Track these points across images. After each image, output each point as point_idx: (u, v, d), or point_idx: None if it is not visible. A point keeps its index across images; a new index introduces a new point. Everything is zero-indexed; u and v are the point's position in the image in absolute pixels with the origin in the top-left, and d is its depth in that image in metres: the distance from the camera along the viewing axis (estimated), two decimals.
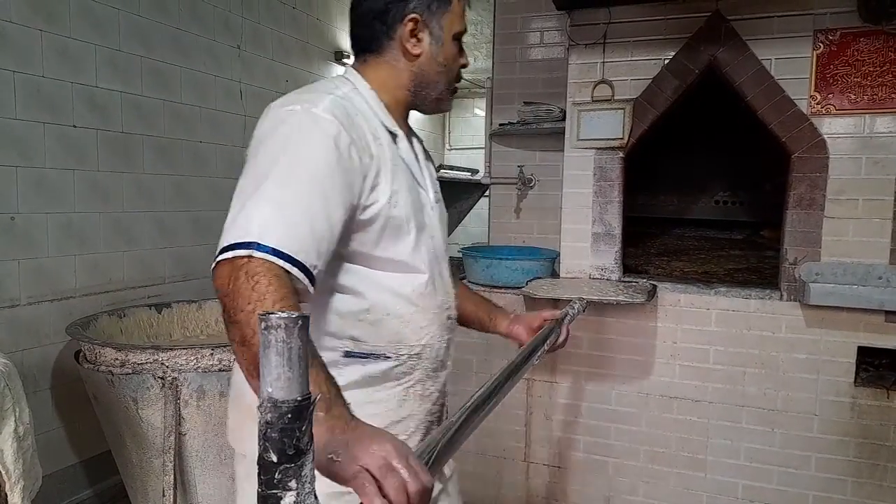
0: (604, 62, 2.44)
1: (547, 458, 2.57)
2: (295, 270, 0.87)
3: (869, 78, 2.13)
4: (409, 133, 1.24)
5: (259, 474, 0.68)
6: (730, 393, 2.33)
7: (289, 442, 0.68)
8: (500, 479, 2.63)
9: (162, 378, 2.09)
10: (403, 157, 1.15)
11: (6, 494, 1.56)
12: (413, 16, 1.12)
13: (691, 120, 2.73)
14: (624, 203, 2.47)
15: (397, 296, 1.11)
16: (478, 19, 4.87)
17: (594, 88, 2.45)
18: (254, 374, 0.80)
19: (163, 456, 2.12)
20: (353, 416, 0.77)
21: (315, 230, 0.92)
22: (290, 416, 0.68)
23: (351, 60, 1.24)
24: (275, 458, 0.68)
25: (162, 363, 2.10)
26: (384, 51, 1.15)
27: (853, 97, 2.15)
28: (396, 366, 1.12)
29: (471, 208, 5.30)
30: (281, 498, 0.68)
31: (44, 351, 2.57)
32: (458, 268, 4.13)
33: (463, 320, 1.38)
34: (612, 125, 2.42)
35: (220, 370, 2.13)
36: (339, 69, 4.47)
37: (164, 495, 2.11)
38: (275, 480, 0.68)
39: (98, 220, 2.78)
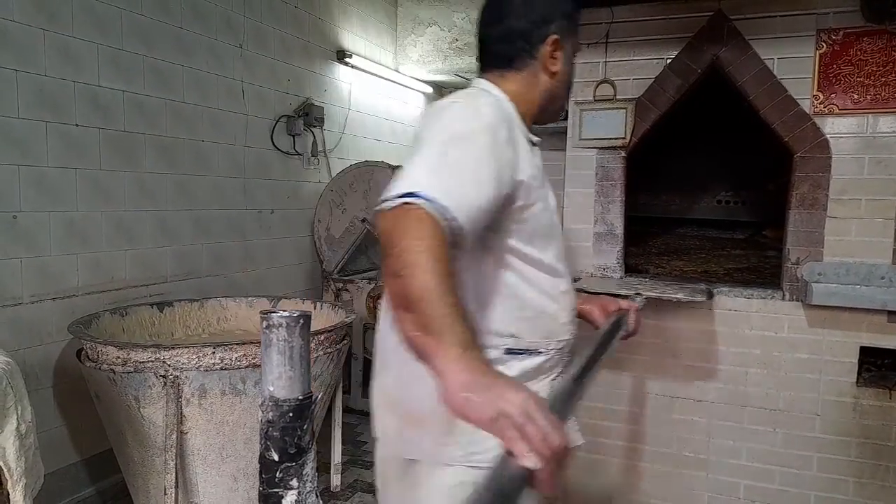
0: (606, 61, 2.44)
1: None
2: (448, 221, 0.91)
3: (872, 78, 2.13)
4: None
5: (260, 473, 0.68)
6: (732, 393, 2.32)
7: (290, 441, 0.69)
8: None
9: (164, 377, 2.09)
10: (538, 165, 1.21)
11: (8, 492, 1.56)
12: (554, 37, 1.20)
13: (693, 119, 2.72)
14: (626, 203, 2.47)
15: (548, 295, 1.19)
16: None
17: (596, 88, 2.45)
18: (399, 306, 0.86)
19: (164, 454, 2.13)
20: (490, 363, 0.82)
21: (472, 201, 0.95)
22: (291, 414, 0.69)
23: (353, 59, 1.25)
24: (276, 457, 0.68)
25: (164, 362, 2.10)
26: (524, 67, 1.21)
27: (856, 97, 2.14)
28: (546, 360, 1.20)
29: None
30: (283, 496, 0.68)
31: (46, 349, 2.57)
32: None
33: None
34: (614, 125, 2.42)
35: (221, 369, 2.14)
36: (341, 68, 4.47)
37: (165, 493, 2.11)
38: (276, 479, 0.68)
39: (100, 218, 2.78)
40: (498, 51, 1.23)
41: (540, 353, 1.19)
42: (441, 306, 0.83)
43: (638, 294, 1.67)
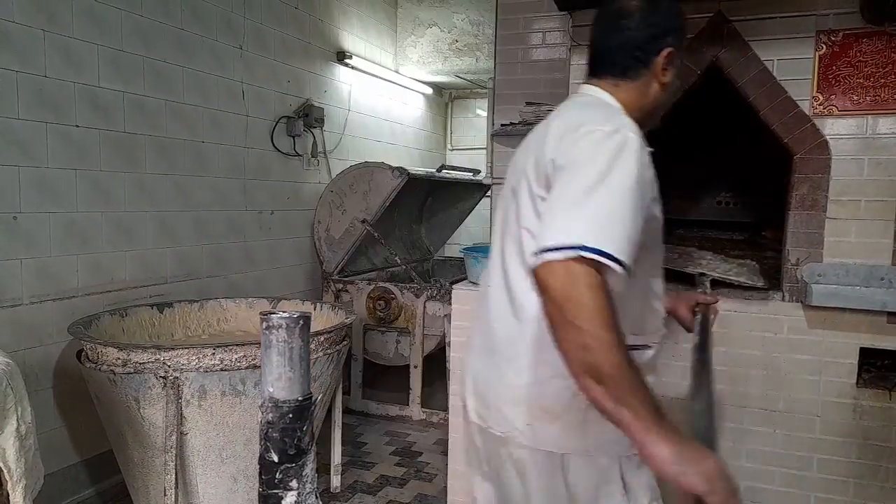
0: None
1: None
2: (619, 269, 0.99)
3: (871, 79, 2.13)
4: None
5: (260, 474, 0.68)
6: (731, 394, 2.32)
7: (290, 442, 0.69)
8: None
9: (164, 377, 2.09)
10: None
11: (8, 493, 1.56)
12: (669, 49, 1.25)
13: (693, 120, 2.72)
14: None
15: (655, 293, 1.28)
16: (480, 20, 4.87)
17: None
18: (587, 376, 0.95)
19: (164, 455, 2.13)
20: (676, 429, 0.94)
21: (630, 236, 1.02)
22: (291, 415, 0.69)
23: (353, 60, 1.28)
24: (276, 458, 0.68)
25: (164, 363, 2.10)
26: (638, 77, 1.27)
27: (855, 98, 2.14)
28: (654, 355, 1.30)
29: (472, 208, 5.31)
30: (282, 497, 0.68)
31: (46, 350, 2.57)
32: (459, 268, 4.13)
33: None
34: None
35: (221, 370, 2.14)
36: (341, 69, 4.48)
37: (165, 494, 2.11)
38: (276, 480, 0.68)
39: (100, 219, 2.78)
40: (615, 60, 1.28)
41: (650, 347, 1.28)
42: (631, 381, 0.94)
43: (703, 275, 1.67)
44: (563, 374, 1.02)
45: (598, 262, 0.96)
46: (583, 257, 0.96)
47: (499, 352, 1.29)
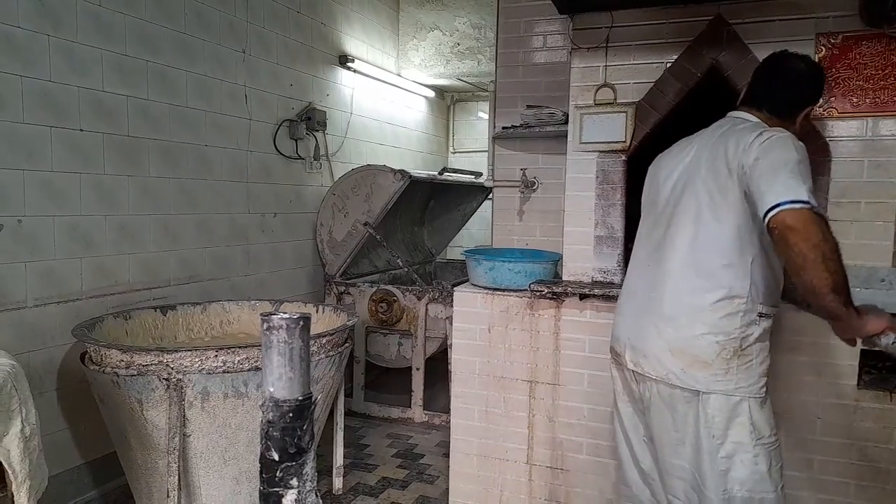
0: (606, 66, 2.45)
1: (549, 460, 2.57)
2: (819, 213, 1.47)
3: (871, 81, 2.14)
4: None
5: (260, 472, 0.69)
6: None
7: (290, 440, 0.70)
8: (503, 481, 2.63)
9: (167, 380, 2.10)
10: None
11: (13, 494, 1.57)
12: (810, 108, 1.79)
13: (694, 122, 2.72)
14: (626, 206, 2.48)
15: (778, 266, 1.67)
16: (481, 23, 4.89)
17: (597, 92, 2.46)
18: (826, 288, 1.42)
19: (167, 457, 2.14)
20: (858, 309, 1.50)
21: (813, 194, 1.49)
22: (291, 414, 0.70)
23: (355, 64, 1.35)
24: (276, 457, 0.69)
25: (167, 365, 2.12)
26: (786, 119, 1.74)
27: (855, 100, 2.15)
28: (772, 323, 1.68)
29: (474, 211, 5.32)
30: (283, 496, 0.69)
31: (50, 352, 2.59)
32: (461, 271, 4.14)
33: None
34: (615, 128, 2.43)
35: (224, 372, 2.15)
36: (343, 72, 4.49)
37: (168, 496, 2.13)
38: (276, 478, 0.69)
39: (104, 222, 2.80)
40: (777, 102, 1.76)
41: (770, 317, 1.66)
42: (848, 288, 1.45)
43: None
44: (713, 332, 1.61)
45: (823, 218, 1.44)
46: (813, 209, 1.43)
47: (657, 313, 1.72)
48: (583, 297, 2.43)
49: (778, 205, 1.44)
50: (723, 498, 1.66)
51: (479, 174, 5.07)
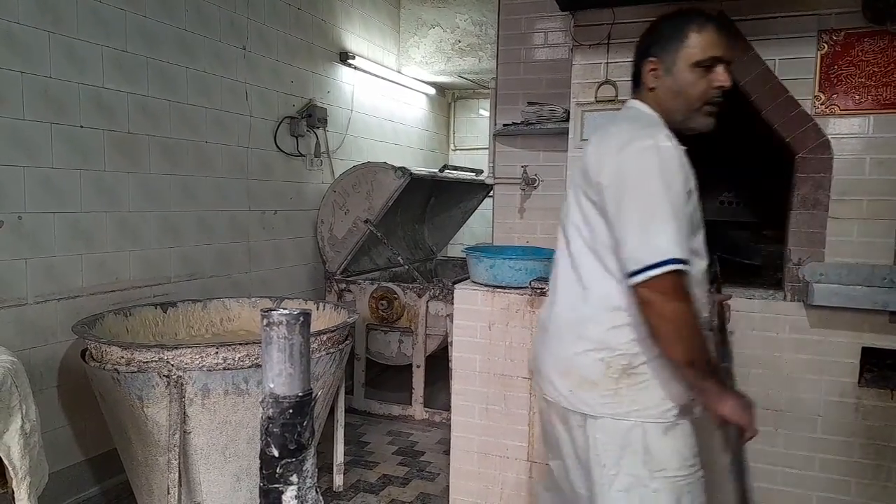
0: (607, 63, 2.44)
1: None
2: (686, 268, 1.32)
3: (873, 78, 2.13)
4: None
5: (261, 469, 0.69)
6: None
7: (290, 437, 0.69)
8: (504, 479, 2.63)
9: (167, 376, 2.10)
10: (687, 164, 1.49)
11: (13, 491, 1.57)
12: (651, 59, 1.49)
13: None
14: None
15: (696, 278, 1.46)
16: (482, 20, 4.88)
17: (598, 89, 2.45)
18: (680, 358, 1.33)
19: (168, 454, 2.14)
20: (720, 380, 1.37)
21: (684, 239, 1.34)
22: (291, 411, 0.70)
23: (356, 61, 1.39)
24: (276, 453, 0.69)
25: (167, 362, 2.11)
26: (640, 89, 1.55)
27: (857, 97, 2.14)
28: None
29: (475, 208, 5.32)
30: (282, 492, 0.69)
31: (50, 349, 2.59)
32: (461, 268, 4.14)
33: None
34: None
35: (224, 369, 2.15)
36: (344, 69, 4.49)
37: (168, 493, 2.13)
38: (276, 474, 0.69)
39: (104, 219, 2.80)
40: (633, 76, 1.57)
41: None
42: (704, 358, 1.34)
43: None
44: (597, 349, 1.43)
45: (680, 270, 1.29)
46: (673, 271, 1.29)
47: (549, 331, 1.57)
48: None
49: (636, 272, 1.30)
50: None
51: (479, 171, 5.06)
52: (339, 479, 2.87)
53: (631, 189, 1.34)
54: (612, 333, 1.43)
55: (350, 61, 4.47)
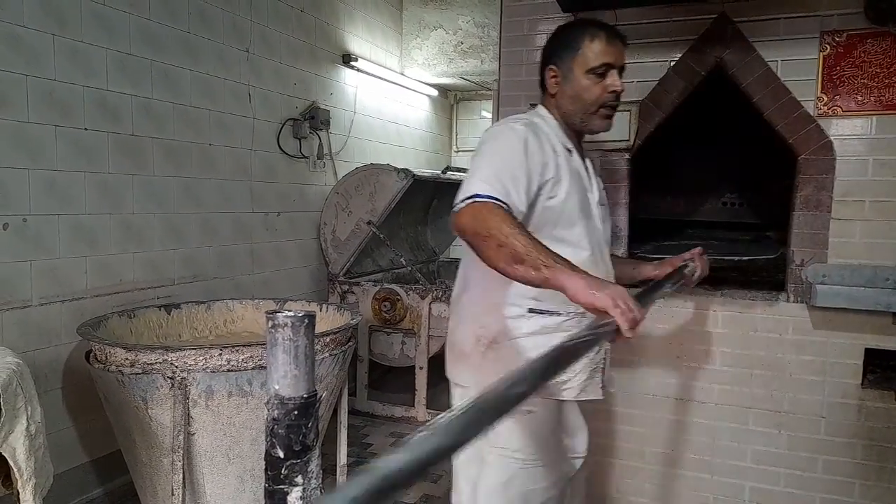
0: None
1: None
2: (501, 204, 1.34)
3: (876, 79, 2.13)
4: (582, 153, 1.68)
5: (266, 470, 0.70)
6: (736, 395, 2.32)
7: (295, 438, 0.70)
8: None
9: (171, 378, 2.11)
10: (576, 166, 1.59)
11: (18, 492, 1.58)
12: (550, 66, 1.62)
13: (698, 121, 2.72)
14: (630, 205, 2.48)
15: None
16: (485, 22, 4.88)
17: None
18: (512, 263, 1.26)
19: (172, 455, 2.14)
20: (585, 272, 1.25)
21: (506, 185, 1.38)
22: (296, 412, 0.70)
23: (359, 63, 1.43)
24: (281, 454, 0.70)
25: (171, 363, 2.12)
26: (543, 94, 1.67)
27: (860, 99, 2.14)
28: (566, 320, 1.53)
29: None
30: (287, 493, 0.69)
31: (55, 351, 2.60)
32: None
33: (616, 281, 1.72)
34: (618, 127, 2.41)
35: (228, 370, 2.15)
36: (346, 71, 4.50)
37: (172, 494, 2.13)
38: (281, 476, 0.69)
39: (108, 221, 2.81)
40: (541, 86, 1.68)
41: (559, 314, 1.52)
42: (540, 250, 1.25)
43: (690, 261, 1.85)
44: (466, 322, 1.55)
45: (489, 202, 1.32)
46: (476, 201, 1.33)
47: (453, 313, 1.68)
48: None
49: (458, 203, 1.36)
50: (456, 501, 1.61)
51: None
52: (342, 481, 2.88)
53: (477, 153, 1.48)
54: (484, 310, 1.53)
55: (353, 63, 4.48)
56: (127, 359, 2.16)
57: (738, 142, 2.94)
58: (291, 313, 0.61)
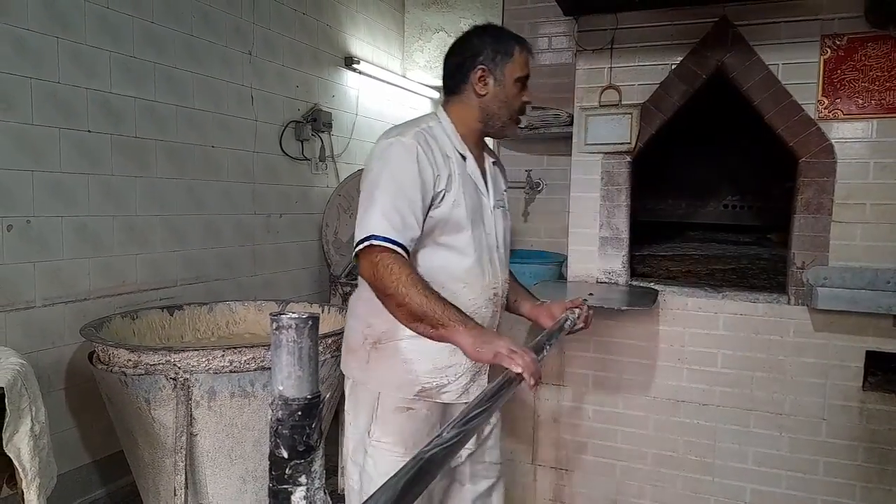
0: (611, 67, 2.46)
1: (554, 460, 2.58)
2: (398, 248, 1.40)
3: (876, 83, 2.14)
4: (482, 155, 1.69)
5: (270, 470, 0.70)
6: (738, 397, 2.33)
7: (299, 438, 0.71)
8: (509, 481, 2.63)
9: (174, 379, 2.12)
10: (470, 172, 1.59)
11: (23, 492, 1.59)
12: (481, 66, 1.57)
13: (699, 124, 2.73)
14: (631, 207, 2.49)
15: (449, 273, 1.55)
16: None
17: (602, 93, 2.47)
18: (411, 321, 1.37)
19: (174, 456, 2.15)
20: (481, 326, 1.39)
21: (403, 213, 1.42)
22: (300, 413, 0.71)
23: (360, 65, 1.44)
24: (285, 454, 0.70)
25: (174, 364, 2.13)
26: (462, 92, 1.61)
27: (861, 102, 2.15)
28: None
29: None
30: (291, 493, 0.70)
31: (58, 352, 2.61)
32: None
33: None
34: (620, 130, 2.43)
35: (230, 371, 2.16)
36: (348, 74, 4.51)
37: (175, 495, 2.14)
38: (286, 476, 0.70)
39: (111, 223, 2.82)
40: (449, 82, 1.64)
41: None
42: (437, 309, 1.34)
43: (586, 301, 1.81)
44: (360, 323, 1.61)
45: (384, 245, 1.38)
46: (373, 245, 1.39)
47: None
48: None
49: (355, 247, 1.42)
50: (351, 487, 1.66)
51: None
52: (343, 482, 2.88)
53: (366, 178, 1.50)
54: (372, 311, 1.53)
55: (355, 66, 4.50)
56: (130, 360, 2.17)
57: (740, 145, 2.95)
58: (296, 315, 0.62)
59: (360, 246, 1.41)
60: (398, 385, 1.57)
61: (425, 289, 1.36)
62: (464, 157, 1.59)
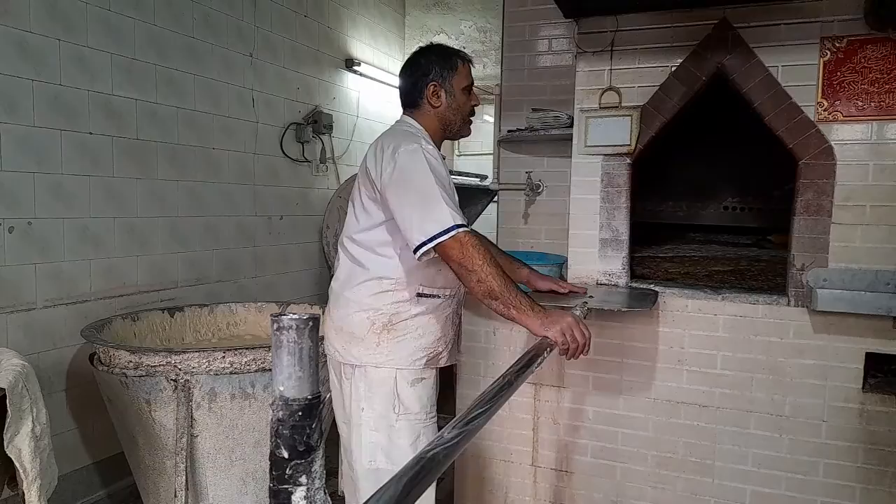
0: (611, 69, 2.46)
1: (554, 462, 2.58)
2: (471, 231, 1.64)
3: (876, 85, 2.14)
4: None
5: (270, 470, 0.71)
6: (737, 398, 2.33)
7: (299, 439, 0.71)
8: (508, 483, 2.64)
9: (175, 380, 2.12)
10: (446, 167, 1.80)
11: (24, 493, 1.59)
12: (432, 83, 1.83)
13: (699, 126, 2.73)
14: (631, 209, 2.49)
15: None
16: (487, 27, 4.90)
17: (602, 95, 2.47)
18: (486, 297, 1.60)
19: (175, 457, 2.16)
20: (544, 308, 1.64)
21: (460, 211, 1.65)
22: (300, 413, 0.71)
23: (361, 67, 1.52)
24: (286, 455, 0.71)
25: (174, 366, 2.13)
26: (420, 106, 1.86)
27: (860, 104, 2.15)
28: (443, 302, 1.82)
29: (480, 214, 5.32)
30: (292, 493, 0.71)
31: (59, 353, 2.61)
32: None
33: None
34: (620, 132, 2.43)
35: (231, 373, 2.17)
36: (349, 76, 4.52)
37: (175, 496, 2.14)
38: (286, 476, 0.70)
39: (113, 225, 2.82)
40: (407, 98, 1.88)
41: (439, 297, 1.81)
42: (510, 291, 1.59)
43: (585, 304, 1.96)
44: (364, 310, 1.75)
45: (465, 231, 1.59)
46: (459, 232, 1.58)
47: (332, 302, 1.87)
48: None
49: (429, 240, 1.58)
50: (368, 468, 1.76)
51: (484, 177, 5.08)
52: (342, 483, 2.88)
53: (408, 182, 1.64)
54: (376, 297, 1.74)
55: (356, 68, 4.51)
56: (130, 361, 2.18)
57: (740, 147, 2.96)
58: (296, 316, 0.62)
59: (445, 237, 1.57)
60: (412, 359, 1.76)
61: (502, 272, 1.59)
62: (444, 158, 1.79)
